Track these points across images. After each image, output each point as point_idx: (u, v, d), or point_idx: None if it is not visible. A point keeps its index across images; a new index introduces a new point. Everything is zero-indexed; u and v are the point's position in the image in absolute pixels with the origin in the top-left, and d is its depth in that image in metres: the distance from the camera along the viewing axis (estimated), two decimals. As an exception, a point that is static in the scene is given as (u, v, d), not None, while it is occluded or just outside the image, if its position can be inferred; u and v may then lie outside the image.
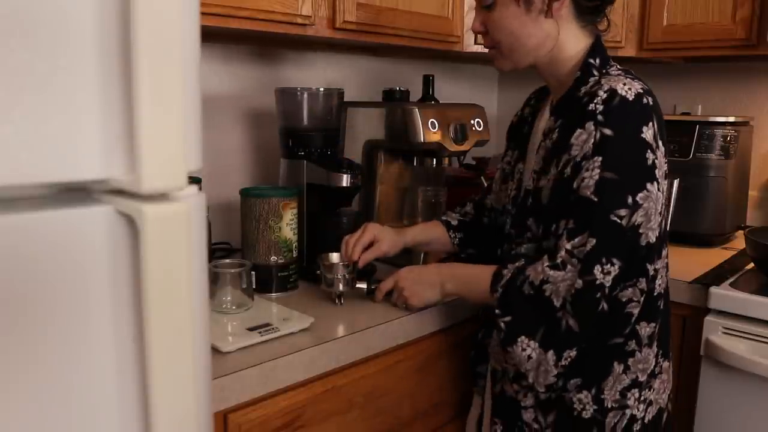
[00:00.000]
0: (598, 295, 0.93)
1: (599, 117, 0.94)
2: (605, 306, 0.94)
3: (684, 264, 1.56)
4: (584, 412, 1.01)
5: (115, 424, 0.57)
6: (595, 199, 0.93)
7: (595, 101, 0.96)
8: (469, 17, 1.68)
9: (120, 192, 0.54)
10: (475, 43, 1.71)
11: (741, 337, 1.33)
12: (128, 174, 0.53)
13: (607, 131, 0.94)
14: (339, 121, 1.45)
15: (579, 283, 0.93)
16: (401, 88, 1.55)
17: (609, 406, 1.01)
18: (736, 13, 1.63)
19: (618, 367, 1.00)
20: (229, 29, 1.23)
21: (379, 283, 1.21)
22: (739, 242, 1.76)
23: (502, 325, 0.98)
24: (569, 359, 0.96)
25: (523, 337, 0.97)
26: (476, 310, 1.28)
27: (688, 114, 1.95)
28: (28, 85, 0.48)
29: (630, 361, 1.01)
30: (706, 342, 1.37)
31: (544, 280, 0.95)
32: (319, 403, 1.04)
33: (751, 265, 1.52)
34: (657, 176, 0.95)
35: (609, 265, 0.93)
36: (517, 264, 1.01)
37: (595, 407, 1.01)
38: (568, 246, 0.94)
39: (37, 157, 0.49)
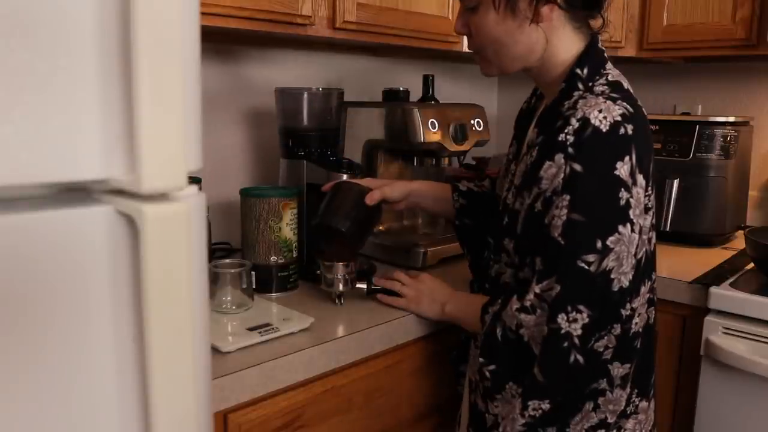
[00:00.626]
0: (566, 344, 0.88)
1: (569, 150, 0.87)
2: (579, 358, 0.88)
3: (684, 264, 1.56)
4: None
5: (115, 424, 0.57)
6: (562, 242, 0.87)
7: (566, 131, 0.88)
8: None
9: (120, 192, 0.54)
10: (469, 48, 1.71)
11: (741, 337, 1.33)
12: (128, 174, 0.53)
13: (577, 167, 0.87)
14: (339, 121, 1.45)
15: (545, 330, 0.89)
16: (402, 88, 1.55)
17: None
18: (736, 13, 1.63)
19: (588, 405, 0.95)
20: (229, 29, 1.23)
21: (371, 281, 1.21)
22: (739, 242, 1.76)
23: (487, 374, 0.97)
24: (540, 411, 0.92)
25: (511, 383, 0.95)
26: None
27: (688, 114, 1.95)
28: (28, 85, 0.48)
29: (600, 400, 0.95)
30: (706, 342, 1.37)
31: (518, 324, 0.92)
32: (319, 403, 1.04)
33: (751, 265, 1.52)
34: (631, 216, 0.88)
35: (575, 313, 0.87)
36: (495, 306, 0.98)
37: None
38: (537, 289, 0.90)
39: (37, 157, 0.49)
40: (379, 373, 1.14)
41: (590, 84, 0.95)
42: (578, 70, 0.96)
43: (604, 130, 0.87)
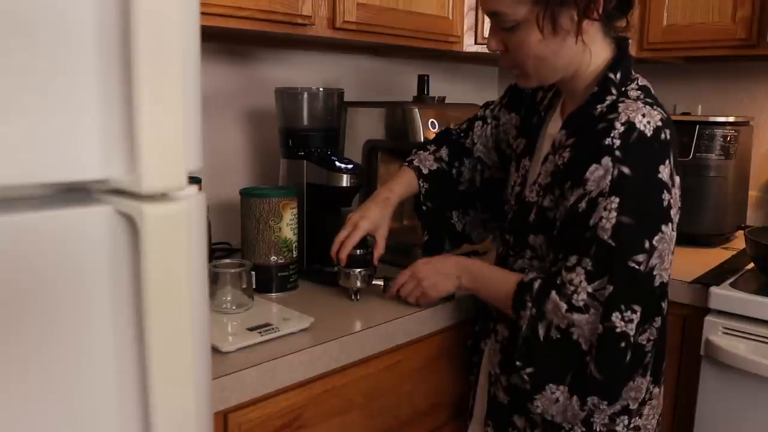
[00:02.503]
0: (623, 344, 0.92)
1: (617, 153, 0.90)
2: (630, 354, 0.93)
3: (684, 264, 1.56)
4: (572, 431, 1.00)
5: (115, 424, 0.57)
6: (613, 244, 0.90)
7: (612, 135, 0.91)
8: (469, 17, 1.68)
9: (120, 192, 0.54)
10: (476, 42, 1.71)
11: (741, 337, 1.33)
12: (128, 174, 0.53)
13: (625, 169, 0.90)
14: (339, 121, 1.45)
15: (600, 328, 0.92)
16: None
17: (597, 429, 0.99)
18: (736, 13, 1.63)
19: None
20: (229, 29, 1.23)
21: (392, 279, 1.21)
22: (739, 242, 1.76)
23: (526, 377, 0.98)
24: (597, 408, 0.95)
25: (551, 384, 0.96)
26: (476, 312, 1.28)
27: (688, 114, 1.95)
28: (28, 85, 0.48)
29: (623, 388, 0.98)
30: (706, 342, 1.37)
31: (570, 323, 0.93)
32: (319, 403, 1.04)
33: (751, 265, 1.52)
34: (671, 216, 0.93)
35: (629, 312, 0.92)
36: (531, 307, 0.97)
37: (583, 429, 0.99)
38: (590, 289, 0.92)
39: (37, 157, 0.49)
40: (379, 373, 1.14)
41: (623, 88, 0.98)
42: (611, 75, 0.99)
43: (648, 134, 0.91)
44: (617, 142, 0.90)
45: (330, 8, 1.35)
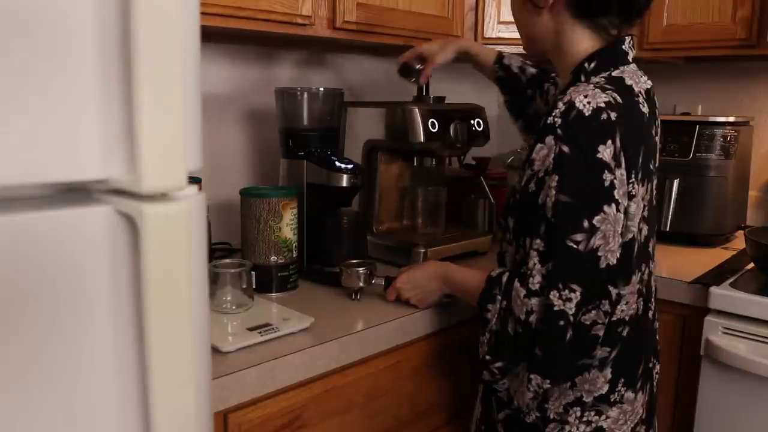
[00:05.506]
0: (562, 323, 0.91)
1: (558, 131, 0.92)
2: (571, 333, 0.91)
3: (684, 264, 1.56)
4: (528, 416, 1.02)
5: (115, 424, 0.57)
6: (553, 221, 0.91)
7: (554, 114, 0.93)
8: (469, 17, 1.68)
9: (120, 192, 0.54)
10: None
11: (741, 337, 1.33)
12: (128, 174, 0.53)
13: (565, 148, 0.91)
14: (339, 121, 1.45)
15: (542, 307, 0.92)
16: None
17: (550, 416, 1.00)
18: (736, 13, 1.63)
19: (564, 384, 0.99)
20: (229, 29, 1.23)
21: (393, 279, 1.22)
22: (739, 242, 1.76)
23: (496, 370, 1.00)
24: (541, 388, 0.95)
25: (516, 370, 0.99)
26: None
27: (688, 114, 1.95)
28: (28, 85, 0.48)
29: (577, 378, 0.99)
30: (706, 342, 1.37)
31: (528, 311, 0.93)
32: (319, 403, 1.04)
33: (751, 265, 1.52)
34: (616, 197, 0.91)
35: (567, 291, 0.90)
36: (496, 302, 0.99)
37: (538, 414, 1.01)
38: (543, 270, 0.92)
39: (37, 157, 0.49)
40: (379, 373, 1.14)
41: (591, 77, 1.00)
42: (586, 64, 1.01)
43: (586, 114, 0.91)
44: (558, 121, 0.92)
45: (330, 8, 1.35)
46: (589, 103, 0.91)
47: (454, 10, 1.62)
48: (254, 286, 1.19)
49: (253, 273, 1.18)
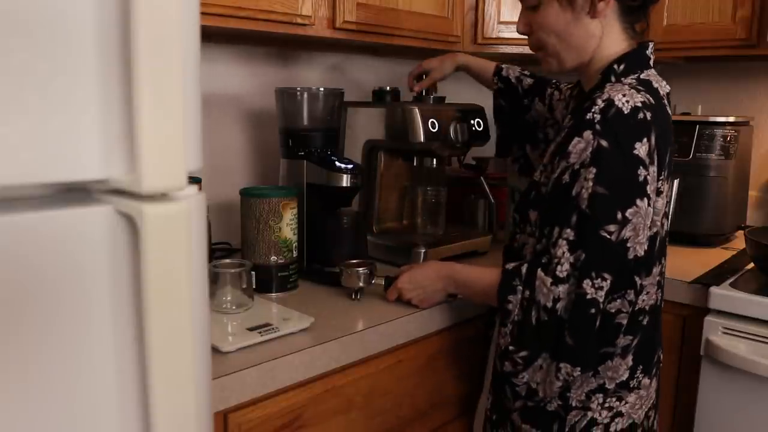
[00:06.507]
0: (593, 311, 0.94)
1: (597, 126, 0.95)
2: (599, 321, 0.95)
3: (684, 264, 1.56)
4: (549, 404, 1.03)
5: (115, 424, 0.57)
6: (588, 212, 0.94)
7: (593, 110, 0.96)
8: (469, 17, 1.68)
9: (120, 192, 0.54)
10: (475, 43, 1.71)
11: (741, 337, 1.33)
12: (128, 174, 0.53)
13: (603, 142, 0.94)
14: (339, 121, 1.45)
15: (572, 296, 0.95)
16: (389, 88, 1.55)
17: (573, 404, 1.03)
18: (736, 13, 1.63)
19: (589, 372, 1.01)
20: (229, 29, 1.23)
21: (393, 279, 1.22)
22: (739, 242, 1.76)
23: (519, 360, 1.01)
24: (572, 376, 0.98)
25: (539, 360, 1.00)
26: (479, 310, 1.28)
27: (688, 114, 1.95)
28: (28, 85, 0.48)
29: (600, 367, 1.01)
30: (706, 342, 1.37)
31: (555, 298, 0.96)
32: (319, 403, 1.04)
33: (751, 265, 1.52)
34: (648, 192, 0.96)
35: (600, 280, 0.94)
36: (518, 293, 1.00)
37: (560, 402, 1.03)
38: (572, 259, 0.95)
39: (37, 157, 0.49)
40: (379, 373, 1.14)
41: (622, 79, 1.04)
42: (615, 66, 1.05)
43: (625, 111, 0.95)
44: (597, 117, 0.96)
45: (330, 8, 1.35)
46: (627, 101, 0.95)
47: (454, 10, 1.62)
48: (254, 286, 1.19)
49: (253, 273, 1.18)
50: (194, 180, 0.72)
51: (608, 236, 0.94)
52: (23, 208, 0.51)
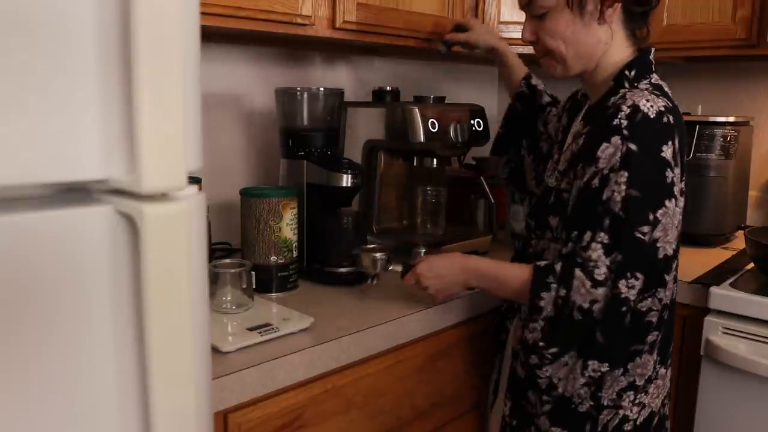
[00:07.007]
0: (624, 308, 0.98)
1: (624, 131, 0.97)
2: (629, 318, 0.98)
3: (684, 264, 1.55)
4: (581, 405, 1.04)
5: (115, 424, 0.57)
6: (622, 215, 0.96)
7: (619, 116, 0.98)
8: (469, 17, 1.67)
9: (120, 192, 0.54)
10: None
11: (741, 337, 1.33)
12: (128, 174, 0.53)
13: (633, 146, 0.96)
14: (339, 121, 1.45)
15: (607, 296, 0.97)
16: (390, 88, 1.55)
17: (605, 404, 1.04)
18: (736, 13, 1.63)
19: (617, 370, 1.03)
20: (229, 29, 1.23)
21: (411, 266, 1.20)
22: (739, 242, 1.76)
23: (549, 355, 1.03)
24: (599, 372, 1.01)
25: (566, 356, 1.03)
26: (478, 311, 1.28)
27: (688, 114, 1.95)
28: (29, 85, 0.48)
29: (630, 364, 1.03)
30: (706, 342, 1.37)
31: (593, 300, 0.98)
32: (319, 403, 1.04)
33: (751, 265, 1.52)
34: (675, 193, 0.99)
35: (633, 279, 0.97)
36: (551, 291, 1.00)
37: (591, 403, 1.04)
38: (608, 262, 0.97)
39: (37, 157, 0.49)
40: (379, 373, 1.14)
41: (635, 84, 1.06)
42: (627, 72, 1.07)
43: (651, 116, 0.98)
44: (624, 123, 0.98)
45: (330, 8, 1.34)
46: (652, 106, 0.98)
47: (454, 10, 1.62)
48: (254, 286, 1.19)
49: (253, 273, 1.18)
50: (194, 180, 0.72)
51: (642, 237, 0.96)
52: (23, 208, 0.51)
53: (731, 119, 1.73)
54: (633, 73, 1.07)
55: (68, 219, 0.52)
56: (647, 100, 0.99)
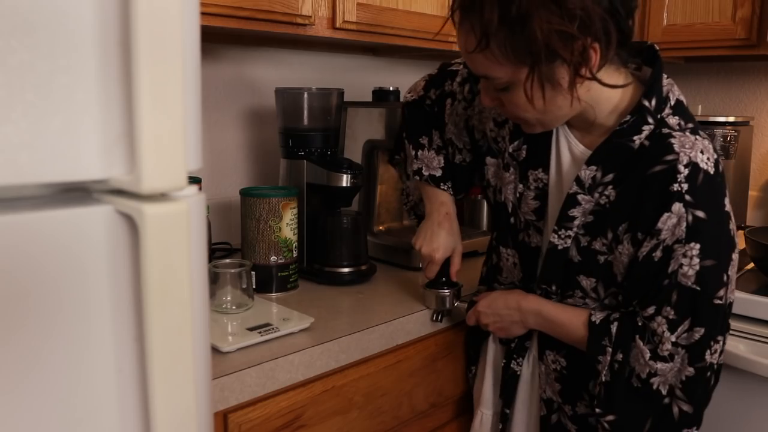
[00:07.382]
0: (709, 374, 0.95)
1: (687, 197, 0.89)
2: (713, 380, 0.97)
3: (684, 264, 1.56)
4: None
5: (115, 424, 0.57)
6: (698, 289, 0.91)
7: (678, 180, 0.89)
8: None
9: (120, 192, 0.54)
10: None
11: (741, 337, 1.33)
12: (128, 174, 0.53)
13: (700, 213, 0.89)
14: (339, 121, 1.45)
15: (690, 370, 0.93)
16: (392, 88, 1.55)
17: None
18: (736, 13, 1.63)
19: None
20: (229, 29, 1.23)
21: (473, 303, 1.18)
22: (739, 242, 1.75)
23: (606, 424, 0.98)
24: None
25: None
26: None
27: (688, 114, 1.95)
28: (29, 85, 0.48)
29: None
30: (706, 342, 1.37)
31: (651, 373, 0.94)
32: (319, 403, 1.04)
33: (751, 265, 1.52)
34: (737, 242, 0.95)
35: (716, 345, 0.94)
36: (615, 340, 0.96)
37: None
38: (674, 338, 0.92)
39: (37, 157, 0.49)
40: (379, 373, 1.14)
41: (659, 116, 0.94)
42: (646, 102, 0.94)
43: (712, 172, 0.91)
44: (685, 187, 0.89)
45: (330, 8, 1.35)
46: (708, 159, 0.91)
47: (454, 10, 1.62)
48: (254, 286, 1.19)
49: (253, 273, 1.18)
50: (194, 180, 0.73)
51: (720, 302, 0.92)
52: (23, 208, 0.51)
53: (731, 119, 1.73)
54: (653, 102, 0.94)
55: (68, 219, 0.52)
56: (701, 152, 0.90)
